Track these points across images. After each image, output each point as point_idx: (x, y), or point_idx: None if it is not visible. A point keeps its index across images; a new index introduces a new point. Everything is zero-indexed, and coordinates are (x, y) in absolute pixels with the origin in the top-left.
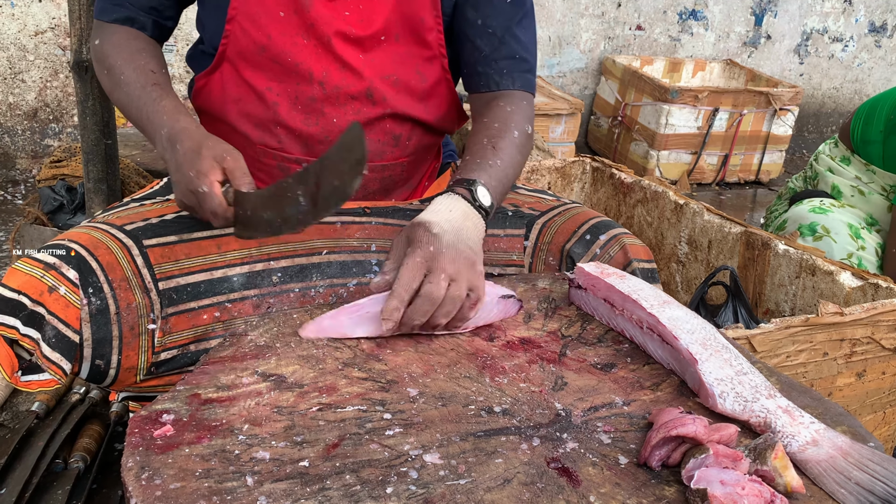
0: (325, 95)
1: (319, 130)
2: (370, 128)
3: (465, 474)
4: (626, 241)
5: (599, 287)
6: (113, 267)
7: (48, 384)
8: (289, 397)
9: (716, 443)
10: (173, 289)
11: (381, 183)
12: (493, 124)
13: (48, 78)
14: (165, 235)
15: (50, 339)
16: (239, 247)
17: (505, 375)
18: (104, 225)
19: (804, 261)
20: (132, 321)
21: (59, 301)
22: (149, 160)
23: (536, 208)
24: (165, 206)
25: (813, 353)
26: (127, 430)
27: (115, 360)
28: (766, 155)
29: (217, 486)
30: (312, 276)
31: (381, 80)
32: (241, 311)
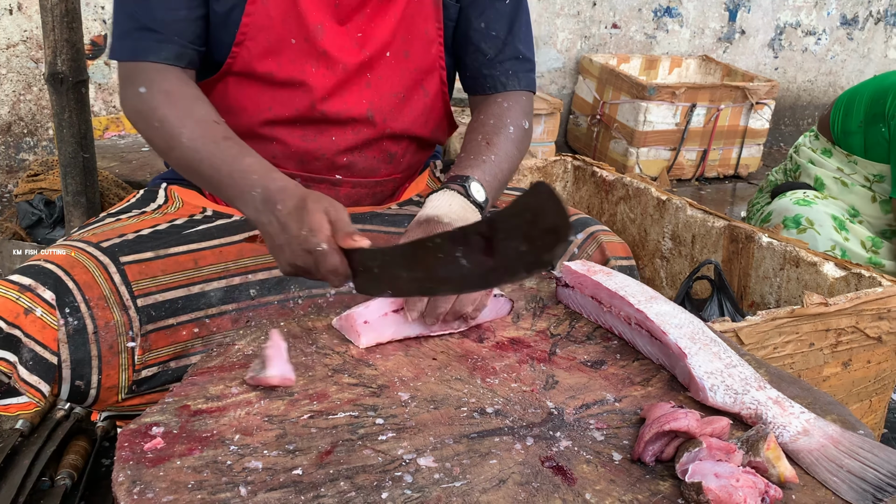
0: (326, 119)
1: (317, 147)
2: (367, 147)
3: (459, 476)
4: (604, 238)
5: (586, 285)
6: (90, 286)
7: (27, 407)
8: (279, 405)
9: (709, 436)
10: (152, 305)
11: (373, 198)
12: (489, 121)
13: (21, 91)
14: (142, 252)
15: (27, 362)
16: (215, 261)
17: (496, 376)
18: (80, 243)
19: (788, 253)
20: (111, 340)
21: (36, 323)
22: (127, 171)
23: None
24: (141, 221)
25: (799, 344)
26: (116, 444)
27: (96, 379)
28: (745, 149)
29: (210, 498)
30: (290, 288)
31: (387, 100)
32: (220, 325)
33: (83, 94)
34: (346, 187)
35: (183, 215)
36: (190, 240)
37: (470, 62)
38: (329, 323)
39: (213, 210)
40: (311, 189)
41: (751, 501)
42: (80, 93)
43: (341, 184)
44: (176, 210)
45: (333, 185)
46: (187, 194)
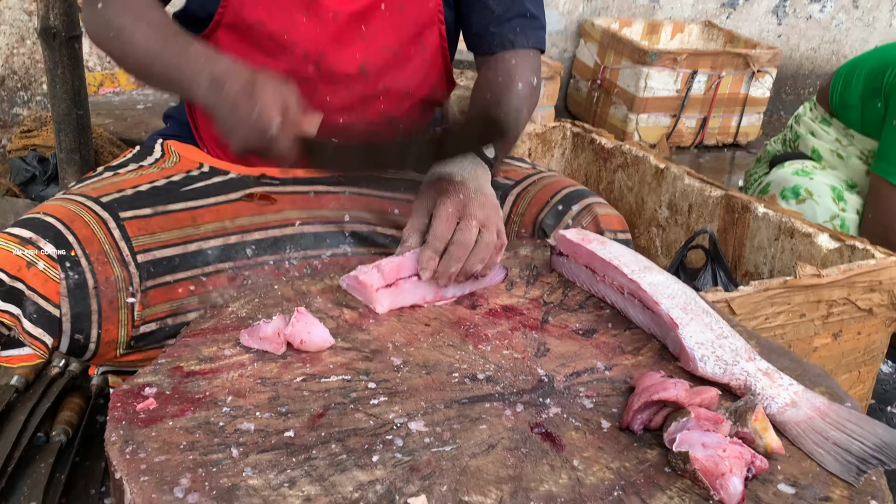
0: (319, 76)
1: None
2: (363, 107)
3: (449, 441)
4: (599, 210)
5: (580, 254)
6: (90, 240)
7: (30, 359)
8: (272, 368)
9: (697, 406)
10: (150, 262)
11: None
12: (498, 78)
13: (14, 45)
14: (141, 208)
15: (31, 315)
16: (213, 219)
17: (488, 343)
18: (80, 197)
19: (783, 223)
20: (111, 295)
21: (38, 276)
22: (122, 129)
23: (511, 177)
24: (140, 176)
25: (791, 315)
26: (109, 404)
27: (95, 334)
28: (745, 117)
29: (202, 459)
30: (286, 248)
31: (381, 53)
32: (216, 283)
33: (76, 50)
34: None
35: (180, 171)
36: (188, 197)
37: (477, 19)
38: (322, 287)
39: (209, 166)
40: None
41: (737, 471)
42: (74, 48)
43: None
44: (173, 165)
45: None
46: (184, 149)
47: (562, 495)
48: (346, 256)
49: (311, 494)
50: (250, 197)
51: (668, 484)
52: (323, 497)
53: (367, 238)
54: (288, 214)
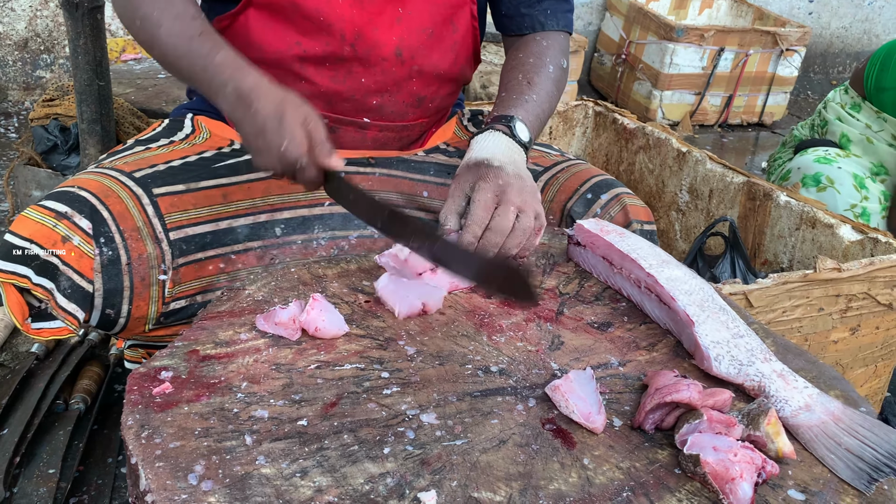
0: (355, 56)
1: (346, 89)
2: (396, 89)
3: (461, 435)
4: (628, 201)
5: (598, 245)
6: (124, 216)
7: (61, 332)
8: (287, 354)
9: (710, 408)
10: (183, 239)
11: (399, 142)
12: (529, 59)
13: (38, 7)
14: (174, 184)
15: (65, 290)
16: (243, 197)
17: (502, 334)
18: (113, 171)
19: (805, 213)
20: (143, 272)
21: (74, 251)
22: (143, 99)
23: (540, 163)
24: (171, 151)
25: (809, 309)
26: (126, 387)
27: (126, 309)
28: (771, 97)
29: (216, 446)
30: (314, 228)
31: (416, 35)
32: (245, 262)
33: (98, 20)
34: (373, 130)
35: (211, 147)
36: (219, 174)
37: (507, 1)
38: (339, 271)
39: (240, 143)
40: (339, 131)
41: (747, 476)
42: (96, 18)
43: (368, 127)
44: (203, 141)
45: (361, 129)
46: (214, 125)
47: (571, 494)
48: (374, 238)
49: (323, 485)
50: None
51: (678, 486)
52: (334, 489)
53: None
54: (318, 194)
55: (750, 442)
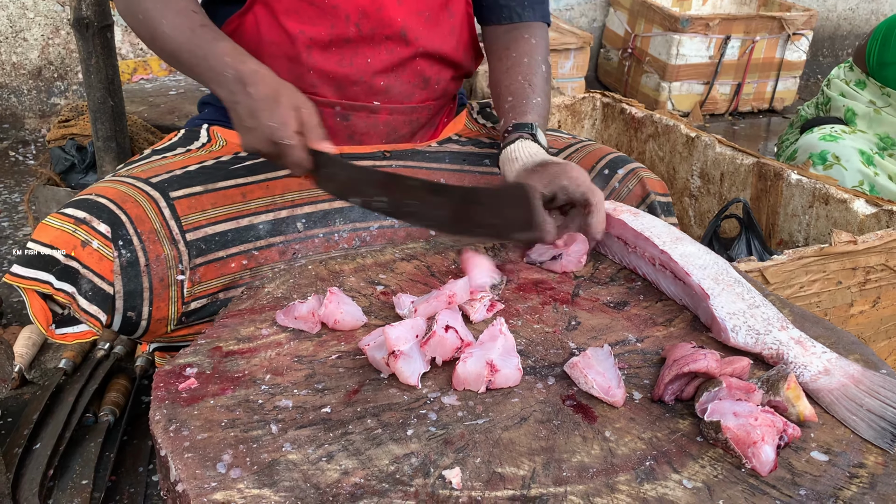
0: (360, 36)
1: (353, 71)
2: (402, 69)
3: (482, 414)
4: (644, 174)
5: (612, 224)
6: (142, 219)
7: (85, 336)
8: (308, 346)
9: (728, 375)
10: (201, 239)
11: (409, 126)
12: (523, 59)
13: (49, 35)
14: (191, 186)
15: (86, 293)
16: (262, 195)
17: (519, 318)
18: (129, 178)
19: (817, 190)
20: (161, 273)
21: (93, 255)
22: (156, 116)
23: (554, 146)
24: (188, 158)
25: (826, 283)
26: (153, 384)
27: (147, 311)
28: (780, 82)
29: (243, 435)
30: (336, 221)
31: (416, 17)
32: (268, 258)
33: (109, 39)
34: (384, 114)
35: (228, 153)
36: (237, 174)
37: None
38: (355, 266)
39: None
40: (351, 118)
41: (768, 440)
42: (106, 37)
43: (379, 110)
44: (220, 148)
45: (372, 113)
46: (230, 135)
47: (594, 465)
48: (394, 228)
49: (349, 468)
50: None
51: (700, 453)
52: (360, 470)
53: None
54: None
55: (771, 407)
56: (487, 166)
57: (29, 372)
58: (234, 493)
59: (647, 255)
